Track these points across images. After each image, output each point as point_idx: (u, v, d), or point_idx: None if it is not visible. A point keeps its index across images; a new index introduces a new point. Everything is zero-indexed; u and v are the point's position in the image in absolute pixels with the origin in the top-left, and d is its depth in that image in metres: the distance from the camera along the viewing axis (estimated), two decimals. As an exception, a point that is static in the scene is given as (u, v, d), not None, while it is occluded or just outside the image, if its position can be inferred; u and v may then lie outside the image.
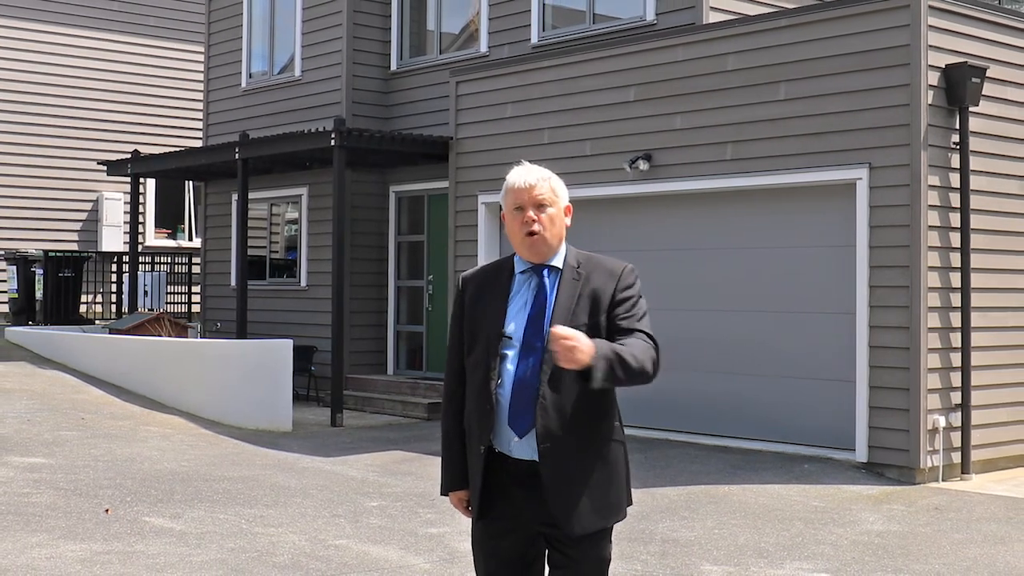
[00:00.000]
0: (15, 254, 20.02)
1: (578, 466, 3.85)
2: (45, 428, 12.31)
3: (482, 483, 3.92)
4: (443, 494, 4.16)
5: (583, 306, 3.90)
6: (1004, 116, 11.32)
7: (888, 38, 10.88)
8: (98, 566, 7.18)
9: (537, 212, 3.92)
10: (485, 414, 3.90)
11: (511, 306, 3.96)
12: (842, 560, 7.71)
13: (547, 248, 3.95)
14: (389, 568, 7.39)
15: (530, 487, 3.86)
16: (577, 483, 3.84)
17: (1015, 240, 11.44)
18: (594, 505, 3.86)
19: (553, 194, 3.97)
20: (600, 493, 3.88)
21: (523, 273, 4.00)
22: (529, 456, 3.86)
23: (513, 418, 3.86)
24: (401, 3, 17.13)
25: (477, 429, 3.93)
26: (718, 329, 12.30)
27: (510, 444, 3.89)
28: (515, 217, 3.95)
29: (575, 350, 3.62)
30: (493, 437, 3.91)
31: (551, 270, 3.98)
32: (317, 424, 14.22)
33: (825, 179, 11.35)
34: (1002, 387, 11.20)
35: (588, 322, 3.87)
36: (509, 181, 4.00)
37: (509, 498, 3.91)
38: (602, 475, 3.90)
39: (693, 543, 8.15)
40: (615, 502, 3.94)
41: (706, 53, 12.34)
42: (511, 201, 3.97)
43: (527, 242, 3.93)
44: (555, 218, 3.95)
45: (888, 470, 10.67)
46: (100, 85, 22.30)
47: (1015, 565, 7.60)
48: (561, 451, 3.83)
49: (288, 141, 15.52)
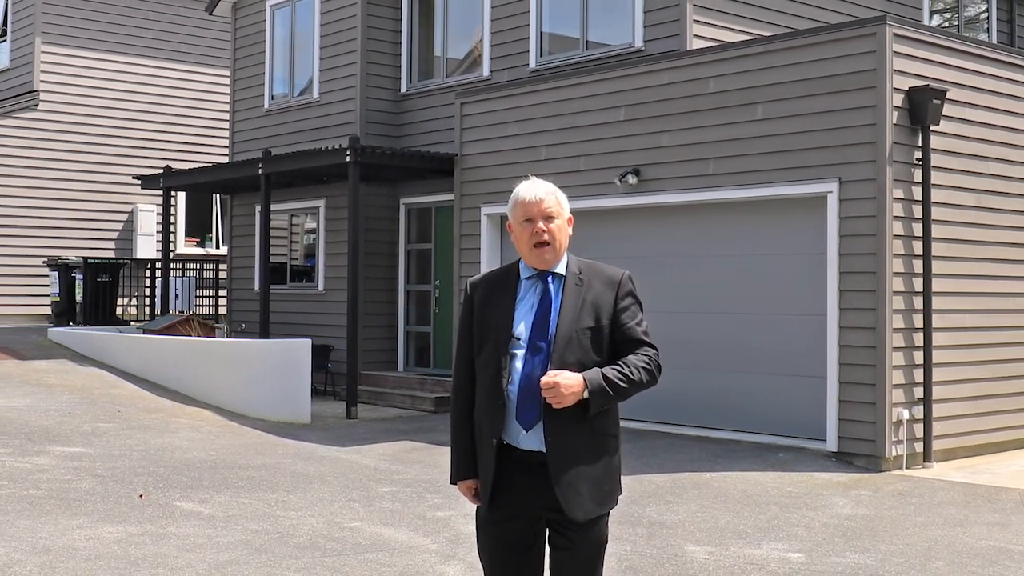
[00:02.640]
0: (57, 261, 20.03)
1: (581, 458, 3.85)
2: (84, 420, 12.31)
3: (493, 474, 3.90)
4: (452, 483, 4.12)
5: (586, 311, 3.90)
6: (962, 135, 11.32)
7: (856, 63, 10.88)
8: (133, 546, 7.18)
9: (546, 223, 3.92)
10: (496, 409, 3.89)
11: (518, 309, 3.95)
12: (814, 541, 7.71)
13: (553, 256, 3.95)
14: (399, 548, 7.39)
15: (536, 476, 3.85)
16: (580, 473, 3.83)
17: (972, 248, 11.44)
18: (593, 493, 3.85)
19: (559, 206, 3.97)
20: (599, 482, 3.88)
21: (529, 279, 3.99)
22: (536, 447, 3.85)
23: (521, 413, 3.85)
24: (410, 31, 17.15)
25: (488, 423, 3.92)
26: (701, 330, 12.30)
27: (518, 437, 3.88)
28: (524, 228, 3.95)
29: (561, 396, 3.71)
30: (503, 431, 3.90)
31: (555, 276, 3.97)
32: (333, 417, 14.21)
33: (799, 192, 11.35)
34: (960, 383, 11.19)
35: (592, 326, 3.88)
36: (519, 195, 3.99)
37: (515, 486, 3.90)
38: (601, 466, 3.89)
39: (678, 525, 8.15)
40: (611, 490, 3.94)
41: (689, 77, 12.34)
42: (520, 213, 3.96)
43: (536, 251, 3.94)
44: (561, 228, 3.96)
45: (856, 459, 10.67)
46: (135, 106, 22.32)
47: (972, 545, 7.60)
48: (566, 444, 3.83)
49: (307, 157, 15.52)
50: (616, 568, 6.84)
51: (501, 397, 3.87)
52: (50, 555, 6.88)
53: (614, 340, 3.92)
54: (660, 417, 12.30)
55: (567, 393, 3.72)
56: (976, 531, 8.03)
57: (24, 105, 21.20)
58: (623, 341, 3.92)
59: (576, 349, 3.84)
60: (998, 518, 8.45)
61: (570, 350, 3.84)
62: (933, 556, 7.30)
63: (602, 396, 3.78)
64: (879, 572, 6.92)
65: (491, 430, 3.91)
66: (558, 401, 3.72)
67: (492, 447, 3.90)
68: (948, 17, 17.72)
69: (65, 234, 21.46)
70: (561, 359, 3.82)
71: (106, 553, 6.98)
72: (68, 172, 21.52)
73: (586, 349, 3.86)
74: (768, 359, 11.74)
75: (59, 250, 21.18)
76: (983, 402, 11.42)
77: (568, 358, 3.82)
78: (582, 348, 3.85)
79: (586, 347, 3.86)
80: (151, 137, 22.45)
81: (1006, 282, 11.78)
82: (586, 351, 3.86)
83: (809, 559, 7.21)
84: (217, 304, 21.68)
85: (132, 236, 22.20)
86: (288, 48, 18.42)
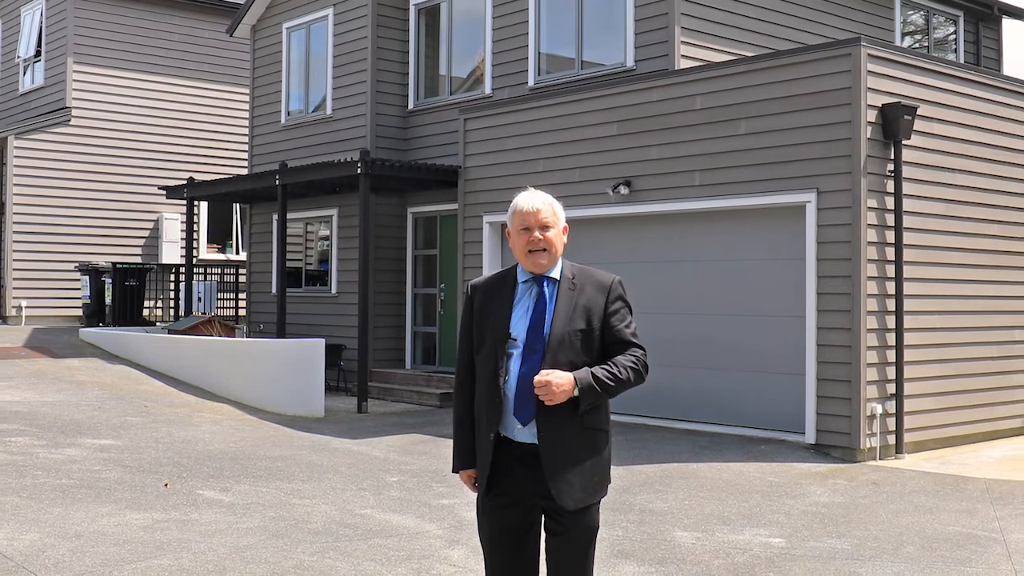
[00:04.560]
0: (88, 266, 20.04)
1: (572, 451, 3.86)
2: (113, 414, 12.31)
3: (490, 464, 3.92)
4: (454, 471, 4.14)
5: (578, 314, 3.91)
6: (932, 148, 11.33)
7: (832, 82, 10.89)
8: (159, 532, 7.18)
9: (542, 232, 3.93)
10: (494, 405, 3.90)
11: (515, 311, 3.96)
12: (794, 527, 7.71)
13: (547, 262, 3.96)
14: (407, 534, 7.39)
15: (531, 467, 3.87)
16: (571, 465, 3.85)
17: (941, 254, 11.45)
18: (584, 484, 3.86)
19: (555, 217, 3.98)
20: (589, 474, 3.88)
21: (525, 283, 4.00)
22: (530, 440, 3.87)
23: (518, 409, 3.86)
24: (417, 51, 17.16)
25: (486, 418, 3.93)
26: (688, 330, 12.30)
27: (514, 430, 3.89)
28: (521, 236, 3.96)
29: (552, 394, 3.72)
30: (500, 425, 3.91)
31: (549, 281, 3.98)
32: (345, 411, 14.21)
33: (779, 202, 11.36)
34: (930, 379, 11.20)
35: (584, 328, 3.89)
36: (518, 205, 3.99)
37: (512, 476, 3.91)
38: (591, 458, 3.90)
39: (666, 512, 8.15)
40: (601, 481, 3.95)
41: (677, 95, 12.35)
42: (519, 222, 3.97)
43: (531, 257, 3.95)
44: (556, 237, 3.96)
45: (833, 450, 10.67)
46: (161, 121, 22.33)
47: (941, 531, 7.60)
48: (558, 438, 3.84)
49: (321, 169, 15.53)
50: (608, 552, 6.84)
51: (498, 394, 3.89)
52: (81, 540, 6.88)
53: (604, 341, 3.93)
54: (650, 411, 12.31)
55: (558, 391, 3.73)
56: (945, 518, 8.03)
57: (57, 121, 21.21)
58: (613, 342, 3.93)
59: (568, 350, 3.85)
60: (965, 506, 8.45)
61: (562, 351, 3.85)
62: (904, 541, 7.31)
63: (591, 394, 3.80)
64: (854, 556, 6.92)
65: (489, 424, 3.92)
66: (550, 398, 3.74)
67: (490, 440, 3.91)
68: (918, 38, 17.73)
69: (95, 240, 21.46)
70: (554, 359, 3.83)
71: (133, 538, 6.98)
72: (98, 183, 21.53)
73: (577, 350, 3.87)
74: (751, 357, 11.74)
75: (90, 255, 21.20)
76: (951, 397, 11.42)
77: (560, 358, 3.84)
78: (574, 349, 3.86)
79: (577, 348, 3.87)
80: (175, 150, 22.46)
81: (973, 285, 11.79)
82: (577, 352, 3.87)
83: (789, 544, 7.21)
84: (237, 306, 21.67)
85: (158, 243, 22.19)
86: (303, 67, 18.44)
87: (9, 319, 20.60)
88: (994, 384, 11.99)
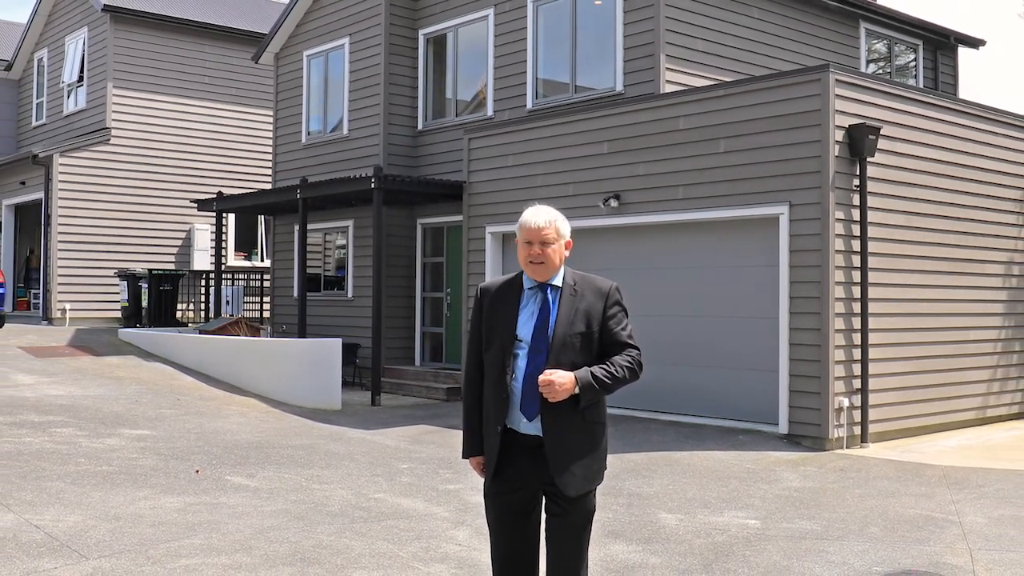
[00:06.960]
0: (126, 272, 20.04)
1: (573, 443, 3.86)
2: (149, 407, 12.31)
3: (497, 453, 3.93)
4: (464, 458, 4.14)
5: (579, 318, 3.91)
6: (895, 165, 11.34)
7: (804, 104, 10.91)
8: (190, 514, 7.19)
9: (542, 247, 3.93)
10: (502, 401, 3.90)
11: (521, 315, 3.96)
12: (768, 509, 7.71)
13: (546, 273, 3.96)
14: (417, 516, 7.39)
15: (535, 456, 3.87)
16: (572, 455, 3.85)
17: (902, 261, 11.45)
18: (583, 473, 3.86)
19: (557, 233, 3.96)
20: (588, 463, 3.88)
21: (530, 289, 4.01)
22: (535, 432, 3.87)
23: (524, 405, 3.86)
24: (426, 77, 17.19)
25: (494, 412, 3.93)
26: (673, 331, 12.31)
27: (520, 423, 3.90)
28: (524, 248, 3.97)
29: (555, 392, 3.73)
30: (507, 419, 3.92)
31: (552, 288, 3.99)
32: (360, 404, 14.21)
33: (755, 214, 11.37)
34: (892, 375, 11.20)
35: (584, 331, 3.90)
36: (525, 219, 3.99)
37: (517, 465, 3.91)
38: (590, 449, 3.90)
39: (653, 496, 8.15)
40: (598, 469, 3.95)
41: (662, 116, 12.37)
42: (523, 235, 3.98)
43: (531, 268, 3.97)
44: (556, 251, 3.96)
45: (804, 440, 10.67)
46: (192, 140, 22.35)
47: (902, 513, 7.60)
48: (561, 431, 3.84)
49: (338, 184, 15.54)
50: (601, 533, 6.84)
51: (506, 391, 3.89)
52: (120, 521, 6.89)
53: (603, 343, 3.93)
54: (638, 405, 12.32)
55: (561, 389, 3.74)
56: (906, 501, 8.03)
57: (98, 140, 21.23)
58: (611, 344, 3.94)
59: (570, 351, 3.86)
60: (924, 490, 8.45)
61: (565, 351, 3.86)
62: (869, 523, 7.31)
63: (591, 391, 3.80)
64: (823, 536, 6.92)
65: (496, 417, 3.92)
66: (553, 396, 3.74)
67: (497, 432, 3.91)
68: (882, 65, 17.76)
69: (133, 249, 21.47)
70: (557, 359, 3.84)
71: (167, 520, 6.99)
72: (135, 196, 21.55)
73: (578, 351, 3.88)
74: (730, 355, 11.75)
75: (128, 262, 21.21)
76: (911, 392, 11.42)
77: (563, 358, 3.84)
78: (575, 350, 3.87)
79: (578, 349, 3.88)
80: (205, 167, 22.47)
81: (931, 290, 11.80)
82: (578, 352, 3.88)
83: (764, 525, 7.21)
84: (262, 309, 21.68)
85: (190, 251, 22.21)
86: (322, 91, 18.46)
87: (55, 320, 20.61)
88: (950, 380, 12.00)
